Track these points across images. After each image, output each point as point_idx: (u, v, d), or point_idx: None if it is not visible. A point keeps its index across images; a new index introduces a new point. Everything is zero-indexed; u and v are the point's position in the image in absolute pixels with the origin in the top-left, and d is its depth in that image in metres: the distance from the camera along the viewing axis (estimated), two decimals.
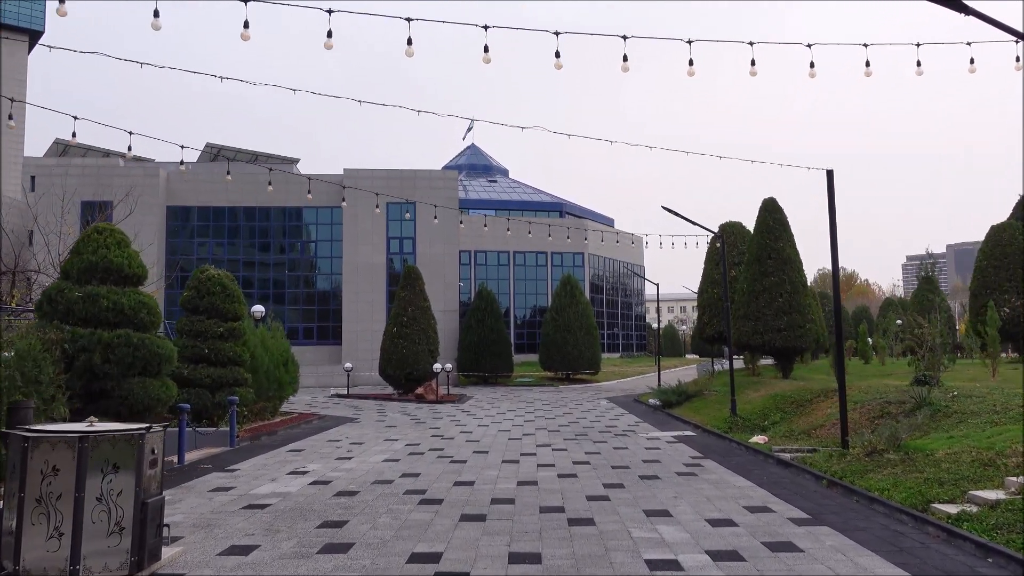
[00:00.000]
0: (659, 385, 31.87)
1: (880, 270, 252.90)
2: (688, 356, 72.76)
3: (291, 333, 44.09)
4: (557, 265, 58.79)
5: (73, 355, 12.46)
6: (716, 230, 25.54)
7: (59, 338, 11.98)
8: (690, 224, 21.16)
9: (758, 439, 15.86)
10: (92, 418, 6.96)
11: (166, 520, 8.80)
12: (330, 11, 8.82)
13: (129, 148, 11.01)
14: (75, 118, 10.71)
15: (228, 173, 14.91)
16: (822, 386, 20.36)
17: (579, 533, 8.16)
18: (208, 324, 17.85)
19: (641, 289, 72.96)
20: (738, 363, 26.34)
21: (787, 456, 13.27)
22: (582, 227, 58.79)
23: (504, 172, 73.21)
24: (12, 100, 11.02)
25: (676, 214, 20.68)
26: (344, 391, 35.04)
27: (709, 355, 46.20)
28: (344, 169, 43.85)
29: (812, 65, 8.77)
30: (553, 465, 13.17)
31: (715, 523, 8.60)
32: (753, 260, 25.89)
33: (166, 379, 13.92)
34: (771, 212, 26.17)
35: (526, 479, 11.70)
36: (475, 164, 71.45)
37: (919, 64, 8.77)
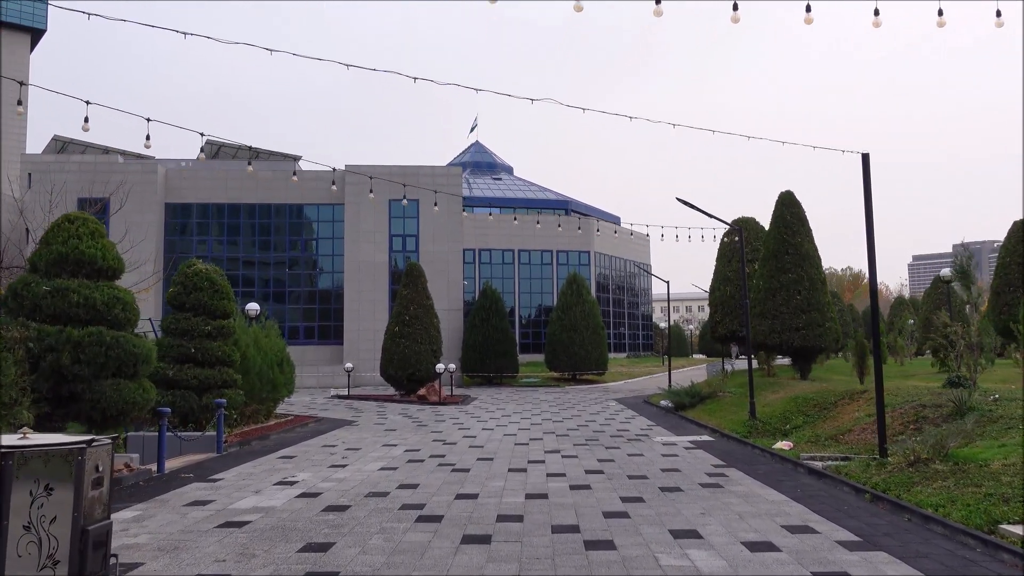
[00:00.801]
0: (670, 386, 30.78)
1: (884, 270, 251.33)
2: (695, 356, 71.55)
3: (292, 332, 43.28)
4: (563, 264, 57.64)
5: (39, 355, 11.41)
6: (730, 223, 24.46)
7: (23, 336, 10.92)
8: (703, 218, 20.07)
9: (782, 445, 14.76)
10: (26, 429, 5.90)
11: (129, 541, 7.80)
12: None
13: (86, 119, 9.94)
14: (21, 84, 9.62)
15: (202, 150, 13.78)
16: (845, 387, 19.25)
17: (598, 559, 7.09)
18: (195, 322, 16.80)
19: (647, 288, 71.80)
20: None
21: (819, 465, 12.18)
22: (588, 224, 57.65)
23: (509, 170, 72.04)
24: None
25: (691, 205, 19.61)
26: (345, 392, 34.03)
27: (718, 355, 45.05)
28: (346, 165, 42.73)
29: (876, 13, 7.63)
30: (564, 475, 12.10)
31: (753, 547, 7.52)
32: (769, 256, 24.78)
33: (144, 381, 12.86)
34: (788, 206, 25.04)
35: (535, 491, 10.64)
36: (479, 162, 70.28)
37: (999, 14, 7.66)
